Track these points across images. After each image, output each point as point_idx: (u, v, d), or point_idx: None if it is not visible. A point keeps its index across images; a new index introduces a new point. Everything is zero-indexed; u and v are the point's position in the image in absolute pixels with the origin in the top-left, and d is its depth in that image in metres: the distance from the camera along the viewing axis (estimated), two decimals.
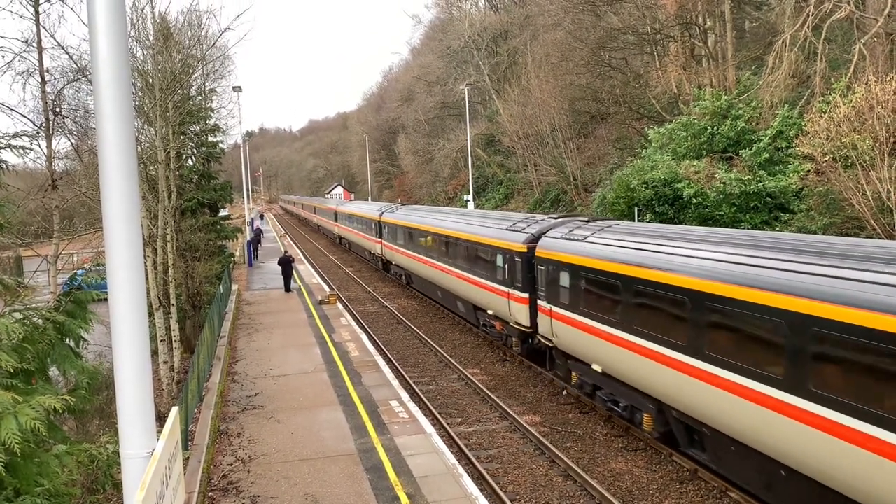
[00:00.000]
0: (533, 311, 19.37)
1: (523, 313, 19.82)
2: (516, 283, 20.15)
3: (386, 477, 12.84)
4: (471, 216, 27.21)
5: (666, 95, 39.68)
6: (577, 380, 17.17)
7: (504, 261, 20.97)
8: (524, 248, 19.69)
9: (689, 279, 12.15)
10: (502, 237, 21.46)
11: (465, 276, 24.90)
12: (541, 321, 18.65)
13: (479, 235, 23.40)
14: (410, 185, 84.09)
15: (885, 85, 22.38)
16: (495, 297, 21.86)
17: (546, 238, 18.49)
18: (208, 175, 34.35)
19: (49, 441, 7.72)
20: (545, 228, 19.46)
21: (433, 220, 30.30)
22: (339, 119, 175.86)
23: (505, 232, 21.54)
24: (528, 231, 20.22)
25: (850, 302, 8.90)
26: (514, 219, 22.68)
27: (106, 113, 4.81)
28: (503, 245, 21.15)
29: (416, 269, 33.08)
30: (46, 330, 8.24)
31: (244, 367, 21.27)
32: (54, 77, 16.53)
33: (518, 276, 19.99)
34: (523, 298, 19.77)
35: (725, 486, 12.51)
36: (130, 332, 5.00)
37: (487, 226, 23.51)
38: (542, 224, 20.19)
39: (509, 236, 20.99)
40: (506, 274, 20.85)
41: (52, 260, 14.95)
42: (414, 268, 33.46)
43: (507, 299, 20.76)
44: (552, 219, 20.60)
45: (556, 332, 17.51)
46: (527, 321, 19.71)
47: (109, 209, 4.90)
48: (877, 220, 20.93)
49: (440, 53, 75.97)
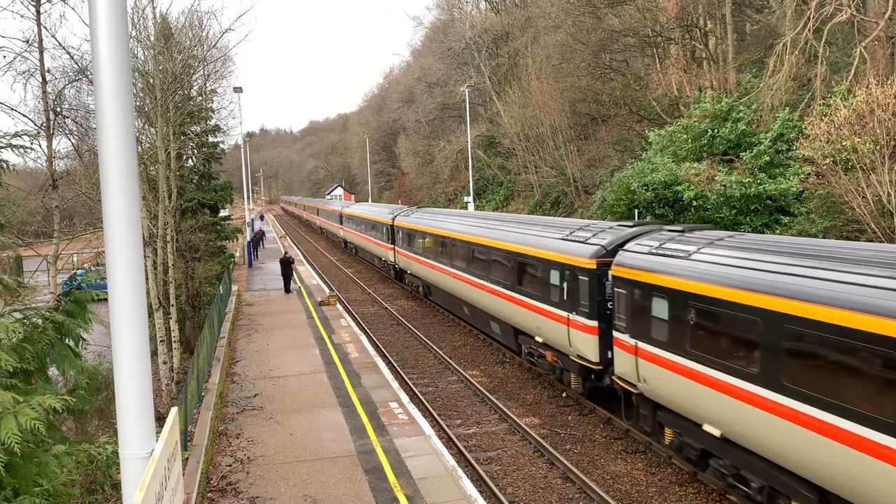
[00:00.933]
0: (604, 343, 15.73)
1: (590, 346, 16.01)
2: (580, 307, 16.33)
3: (385, 478, 12.83)
4: (510, 222, 23.18)
5: (666, 98, 39.70)
6: (672, 438, 13.46)
7: (563, 278, 17.16)
8: (592, 264, 15.88)
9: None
10: (558, 249, 17.67)
11: (505, 294, 21.08)
12: (617, 358, 14.90)
13: (526, 246, 19.58)
14: (411, 186, 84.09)
15: (886, 88, 22.38)
16: (548, 321, 18.04)
17: (626, 252, 14.78)
18: (209, 175, 34.36)
19: (48, 441, 7.71)
20: (619, 239, 15.84)
21: (461, 226, 26.49)
22: (339, 120, 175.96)
23: (562, 242, 17.76)
24: (595, 242, 16.43)
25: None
26: (570, 226, 19.02)
27: (107, 113, 4.81)
28: (561, 258, 17.33)
29: (436, 280, 29.44)
30: (46, 330, 8.23)
31: (244, 368, 21.26)
32: (55, 77, 16.53)
33: (583, 299, 16.19)
34: (590, 327, 15.94)
35: (724, 489, 12.50)
36: (130, 332, 5.00)
37: (536, 234, 19.71)
38: (614, 233, 16.41)
39: (570, 248, 17.15)
40: (564, 294, 17.04)
41: (52, 260, 14.95)
42: (434, 278, 29.84)
43: (567, 326, 16.93)
44: (623, 226, 16.87)
45: (645, 376, 13.68)
46: (594, 355, 15.94)
47: (110, 209, 4.90)
48: (877, 224, 20.93)
49: (441, 55, 75.97)
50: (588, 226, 18.20)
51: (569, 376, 17.72)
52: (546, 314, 18.15)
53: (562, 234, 18.28)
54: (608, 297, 15.56)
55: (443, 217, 31.03)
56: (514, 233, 21.17)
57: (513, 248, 20.49)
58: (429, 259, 30.27)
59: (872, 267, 9.40)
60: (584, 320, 16.12)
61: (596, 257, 15.91)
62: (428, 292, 32.67)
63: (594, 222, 19.12)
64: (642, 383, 13.86)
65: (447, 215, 31.49)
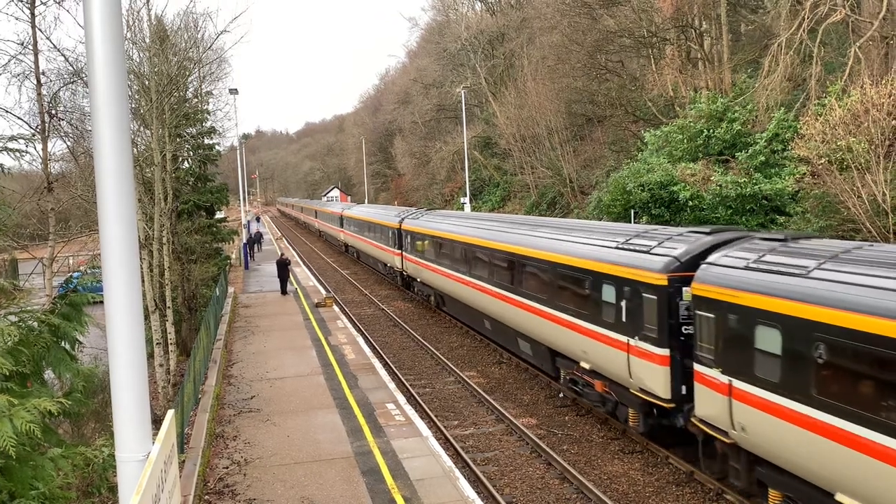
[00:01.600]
0: (678, 376, 13.11)
1: (659, 378, 13.24)
2: (646, 330, 13.57)
3: (382, 480, 12.82)
4: (545, 227, 20.38)
5: (662, 98, 39.80)
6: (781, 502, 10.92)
7: (621, 295, 14.40)
8: (663, 280, 13.14)
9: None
10: (614, 259, 14.90)
11: (540, 310, 18.31)
12: (700, 397, 12.29)
13: (570, 255, 16.76)
14: (407, 187, 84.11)
15: (881, 88, 22.46)
16: (600, 346, 15.28)
17: (713, 267, 12.13)
18: (204, 177, 34.29)
19: (44, 444, 7.69)
20: (697, 249, 13.18)
21: (483, 231, 23.73)
22: (335, 121, 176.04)
23: (618, 252, 14.98)
24: (664, 252, 13.62)
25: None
26: (623, 232, 16.10)
27: (102, 115, 4.81)
28: (619, 272, 14.52)
29: (452, 289, 26.90)
30: (42, 333, 8.22)
31: (240, 370, 21.23)
32: (50, 79, 16.47)
33: (650, 322, 13.46)
34: (660, 356, 13.22)
35: (721, 489, 12.52)
36: (126, 334, 4.99)
37: (581, 241, 16.85)
38: (688, 242, 13.59)
39: (630, 259, 14.37)
40: (623, 315, 14.29)
41: (48, 262, 14.91)
42: (449, 288, 27.27)
43: (626, 353, 14.19)
44: (696, 233, 14.04)
45: (743, 424, 11.10)
46: (664, 390, 13.19)
47: (105, 212, 4.90)
48: (872, 223, 20.98)
49: (436, 56, 76.06)
50: (647, 232, 15.37)
51: (625, 411, 14.93)
52: (597, 337, 15.37)
53: (615, 241, 15.51)
54: (682, 319, 13.03)
55: (459, 220, 28.23)
56: (552, 239, 18.42)
57: (552, 257, 17.73)
58: (443, 267, 27.65)
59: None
60: (652, 347, 13.40)
61: (668, 271, 13.15)
62: (441, 302, 30.03)
63: (654, 228, 16.16)
64: (738, 432, 11.21)
65: (464, 218, 28.85)
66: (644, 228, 16.34)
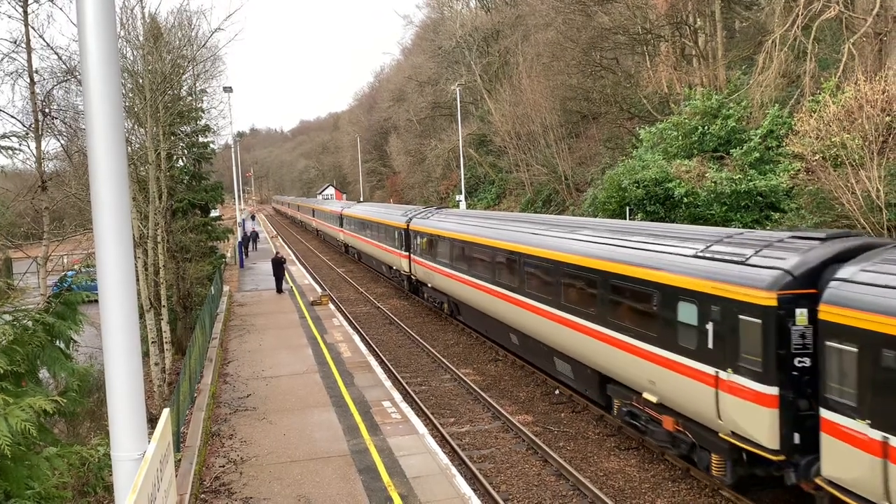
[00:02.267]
0: (789, 421, 10.44)
1: (764, 423, 10.59)
2: (744, 362, 10.92)
3: (379, 478, 12.83)
4: (587, 228, 17.54)
5: (657, 95, 39.82)
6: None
7: (706, 317, 11.73)
8: (770, 299, 10.44)
9: None
10: (696, 272, 12.19)
11: (587, 327, 15.63)
12: (833, 454, 9.66)
13: (631, 265, 14.01)
14: (402, 185, 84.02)
15: (874, 84, 22.51)
16: (674, 377, 12.62)
17: (849, 285, 9.59)
18: (199, 176, 34.27)
19: (39, 443, 7.68)
20: (815, 261, 10.51)
21: (510, 232, 21.04)
22: (330, 119, 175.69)
23: (700, 262, 12.32)
24: (769, 264, 10.92)
25: None
26: (699, 236, 13.46)
27: (95, 113, 4.80)
28: (705, 287, 11.80)
29: (469, 297, 24.32)
30: (36, 332, 8.20)
31: (236, 369, 21.21)
32: (43, 78, 16.41)
33: (751, 352, 10.79)
34: (765, 396, 10.53)
35: (717, 485, 12.55)
36: (121, 333, 4.98)
37: (643, 247, 14.20)
38: (799, 251, 10.90)
39: (719, 271, 11.68)
40: (710, 341, 11.65)
41: (42, 262, 14.86)
42: (466, 296, 24.72)
43: (714, 389, 11.56)
44: (804, 238, 11.36)
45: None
46: (772, 440, 10.54)
47: (99, 210, 4.88)
48: (866, 219, 21.05)
49: (431, 53, 75.92)
50: (732, 237, 12.61)
51: (706, 456, 12.35)
52: (671, 366, 12.70)
53: (692, 248, 12.83)
54: (795, 349, 10.47)
55: (478, 220, 25.54)
56: (604, 244, 15.59)
57: (606, 266, 14.89)
58: (460, 272, 24.90)
59: None
60: (754, 384, 10.72)
61: (777, 289, 10.42)
62: (455, 310, 27.38)
63: (739, 232, 13.22)
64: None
65: (485, 218, 25.82)
66: (726, 232, 13.37)
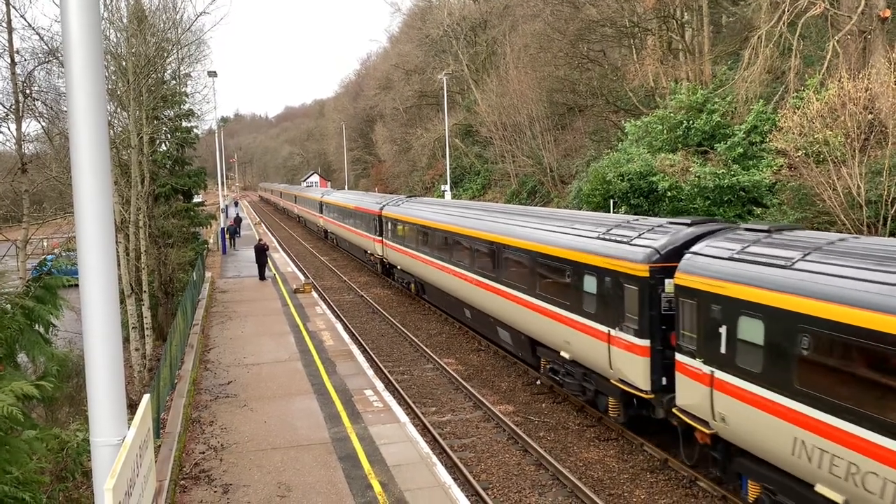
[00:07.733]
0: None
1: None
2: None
3: (360, 465, 12.86)
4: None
5: (643, 89, 39.96)
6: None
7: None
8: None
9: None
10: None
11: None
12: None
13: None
14: (387, 174, 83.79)
15: (858, 82, 22.71)
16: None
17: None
18: (182, 161, 33.92)
19: (17, 427, 7.62)
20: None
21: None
22: (315, 106, 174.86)
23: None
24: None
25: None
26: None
27: (78, 96, 4.74)
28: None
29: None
30: (15, 315, 8.12)
31: (217, 356, 21.13)
32: (24, 58, 16.20)
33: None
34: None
35: (695, 476, 12.70)
36: (102, 318, 4.94)
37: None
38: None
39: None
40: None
41: (22, 245, 14.71)
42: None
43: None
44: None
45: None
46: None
47: (81, 194, 4.83)
48: (847, 216, 21.27)
49: (419, 42, 75.62)
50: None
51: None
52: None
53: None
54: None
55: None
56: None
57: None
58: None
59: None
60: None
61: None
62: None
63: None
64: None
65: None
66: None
